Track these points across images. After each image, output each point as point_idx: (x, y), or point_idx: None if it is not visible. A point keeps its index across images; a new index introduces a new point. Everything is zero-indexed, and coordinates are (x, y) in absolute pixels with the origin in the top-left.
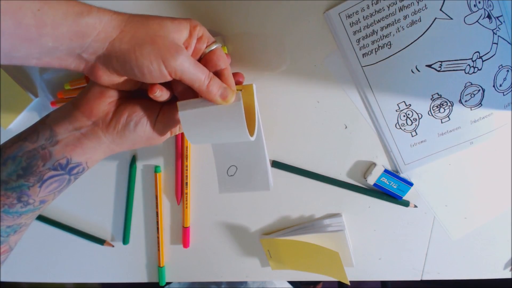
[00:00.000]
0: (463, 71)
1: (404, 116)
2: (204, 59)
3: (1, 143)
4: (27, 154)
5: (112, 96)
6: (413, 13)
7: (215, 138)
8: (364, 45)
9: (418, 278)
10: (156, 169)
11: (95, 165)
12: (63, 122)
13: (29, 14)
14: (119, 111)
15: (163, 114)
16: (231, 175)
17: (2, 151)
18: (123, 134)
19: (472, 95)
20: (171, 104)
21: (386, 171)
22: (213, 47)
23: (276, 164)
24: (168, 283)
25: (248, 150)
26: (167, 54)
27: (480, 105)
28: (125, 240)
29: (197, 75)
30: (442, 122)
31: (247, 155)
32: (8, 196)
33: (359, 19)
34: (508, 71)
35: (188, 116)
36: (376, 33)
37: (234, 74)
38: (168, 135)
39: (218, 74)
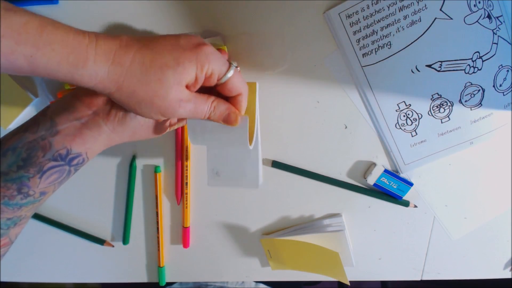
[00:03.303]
0: (463, 71)
1: (404, 116)
2: (219, 87)
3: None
4: (27, 145)
5: None
6: (413, 13)
7: (215, 144)
8: (364, 45)
9: (418, 278)
10: (156, 169)
11: (95, 166)
12: (63, 113)
13: (22, 59)
14: None
15: None
16: (218, 173)
17: (3, 143)
18: (124, 122)
19: (472, 95)
20: None
21: (386, 171)
22: (228, 76)
23: (276, 164)
24: (168, 283)
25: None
26: (166, 112)
27: (480, 105)
28: (125, 240)
29: (198, 114)
30: (442, 122)
31: (240, 151)
32: (8, 187)
33: (359, 19)
34: (508, 71)
35: (194, 123)
36: (376, 33)
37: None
38: (168, 127)
39: (232, 98)
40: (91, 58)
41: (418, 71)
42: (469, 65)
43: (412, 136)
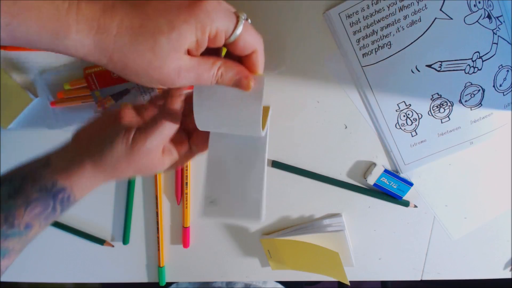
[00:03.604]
0: (463, 71)
1: (404, 116)
2: (228, 48)
3: (1, 143)
4: (22, 176)
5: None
6: (413, 13)
7: (224, 125)
8: (364, 45)
9: (418, 278)
10: None
11: None
12: (59, 150)
13: None
14: None
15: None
16: (215, 202)
17: (3, 174)
18: (117, 165)
19: (472, 95)
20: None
21: (386, 171)
22: (236, 33)
23: (276, 164)
24: (169, 283)
25: (245, 169)
26: (166, 83)
27: (480, 105)
28: (125, 240)
29: (202, 82)
30: (442, 122)
31: (243, 175)
32: None
33: (359, 19)
34: (508, 71)
35: (202, 93)
36: (376, 33)
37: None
38: (167, 163)
39: (246, 57)
40: (73, 27)
41: (418, 71)
42: (469, 65)
43: (412, 136)
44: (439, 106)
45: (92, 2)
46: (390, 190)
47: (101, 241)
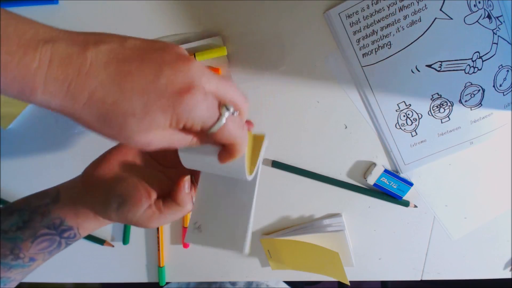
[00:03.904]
0: (463, 71)
1: (404, 116)
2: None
3: (1, 143)
4: (32, 209)
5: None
6: (413, 13)
7: (210, 170)
8: (364, 45)
9: (418, 278)
10: None
11: None
12: (69, 186)
13: None
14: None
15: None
16: (200, 228)
17: (12, 204)
18: (119, 214)
19: (472, 95)
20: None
21: (386, 171)
22: (214, 129)
23: (276, 164)
24: (168, 283)
25: (234, 202)
26: (136, 148)
27: (480, 105)
28: (125, 240)
29: (175, 146)
30: (442, 122)
31: (231, 208)
32: (3, 245)
33: (359, 19)
34: (508, 71)
35: (188, 158)
36: (376, 33)
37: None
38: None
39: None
40: (39, 88)
41: (418, 71)
42: (469, 65)
43: (412, 136)
44: (439, 106)
45: (66, 63)
46: (390, 190)
47: (101, 241)
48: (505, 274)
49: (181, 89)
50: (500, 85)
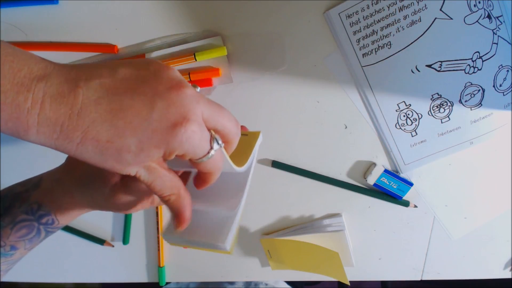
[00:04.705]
0: (463, 71)
1: (404, 116)
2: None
3: (1, 143)
4: (13, 196)
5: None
6: (413, 13)
7: None
8: (364, 45)
9: (418, 278)
10: None
11: None
12: (51, 171)
13: None
14: None
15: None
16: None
17: None
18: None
19: (472, 95)
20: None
21: (386, 171)
22: (202, 160)
23: (276, 164)
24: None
25: (223, 195)
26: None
27: (480, 105)
28: (125, 240)
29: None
30: (442, 122)
31: (219, 202)
32: None
33: (359, 19)
34: (508, 71)
35: (171, 164)
36: (376, 33)
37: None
38: (133, 207)
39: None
40: (33, 128)
41: (418, 71)
42: (469, 65)
43: (412, 136)
44: (439, 106)
45: (58, 102)
46: (390, 190)
47: (101, 241)
48: (505, 274)
49: (174, 122)
50: (500, 85)
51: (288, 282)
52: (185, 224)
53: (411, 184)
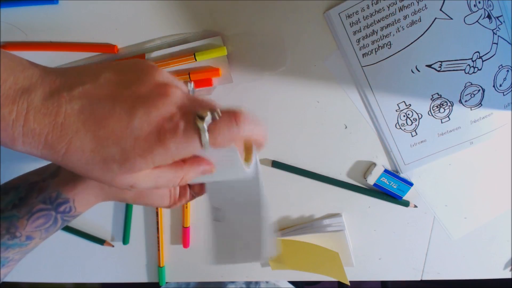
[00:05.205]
0: (463, 71)
1: (404, 116)
2: None
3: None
4: (29, 186)
5: None
6: (413, 13)
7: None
8: (364, 45)
9: (418, 278)
10: None
11: None
12: None
13: None
14: None
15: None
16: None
17: (9, 182)
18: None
19: (472, 95)
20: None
21: (386, 171)
22: (205, 150)
23: (276, 164)
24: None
25: (244, 214)
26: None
27: (480, 105)
28: (125, 240)
29: (162, 186)
30: (442, 122)
31: (243, 220)
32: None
33: (359, 19)
34: (508, 71)
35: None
36: (376, 33)
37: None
38: (166, 199)
39: None
40: (18, 139)
41: (418, 71)
42: (469, 65)
43: (412, 136)
44: (439, 106)
45: (42, 114)
46: (390, 190)
47: (101, 241)
48: (505, 274)
49: (156, 129)
50: (500, 85)
51: (288, 282)
52: (212, 167)
53: (411, 184)
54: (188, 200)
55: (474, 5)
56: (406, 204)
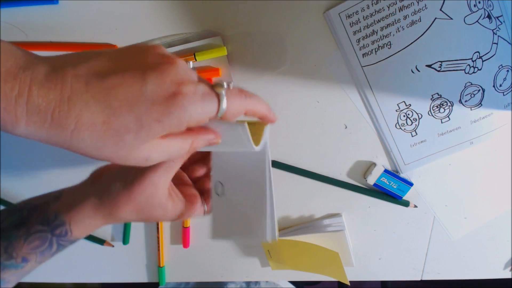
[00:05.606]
0: (463, 71)
1: (404, 116)
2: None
3: (1, 143)
4: (32, 208)
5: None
6: (413, 13)
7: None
8: (364, 45)
9: (418, 278)
10: None
11: (96, 165)
12: (73, 186)
13: None
14: None
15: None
16: (221, 195)
17: (17, 204)
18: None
19: (472, 95)
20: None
21: (386, 171)
22: (222, 113)
23: (276, 164)
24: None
25: (248, 189)
26: (135, 166)
27: (480, 105)
28: (125, 240)
29: (174, 157)
30: (442, 122)
31: (247, 195)
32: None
33: (359, 19)
34: (508, 71)
35: None
36: (376, 33)
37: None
38: (170, 210)
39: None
40: (22, 119)
41: (418, 71)
42: (469, 65)
43: (412, 136)
44: (439, 106)
45: (46, 88)
46: (390, 190)
47: (101, 241)
48: (505, 274)
49: (171, 92)
50: (500, 85)
51: (288, 282)
52: (218, 137)
53: (411, 184)
54: (194, 214)
55: (474, 5)
56: (406, 204)
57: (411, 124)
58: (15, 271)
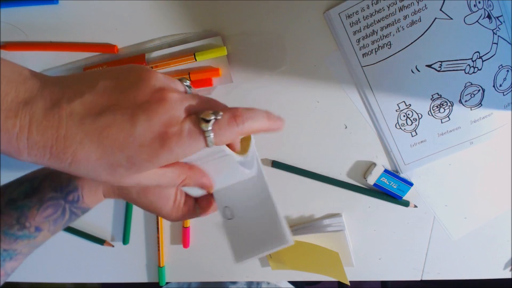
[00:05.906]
0: (463, 71)
1: (404, 116)
2: None
3: None
4: (44, 176)
5: None
6: (413, 13)
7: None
8: (364, 45)
9: (418, 278)
10: None
11: None
12: None
13: None
14: None
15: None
16: (230, 219)
17: (25, 175)
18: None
19: (472, 95)
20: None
21: (386, 171)
22: (210, 147)
23: (276, 164)
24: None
25: (255, 205)
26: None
27: (480, 105)
28: (125, 240)
29: (164, 185)
30: (442, 122)
31: (256, 212)
32: (11, 215)
33: (359, 19)
34: (508, 71)
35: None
36: (376, 33)
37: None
38: (175, 211)
39: None
40: (24, 152)
41: (418, 71)
42: (469, 65)
43: (412, 136)
44: (439, 106)
45: (44, 126)
46: (390, 190)
47: (101, 241)
48: (505, 274)
49: (157, 134)
50: (500, 85)
51: (288, 282)
52: (212, 187)
53: (411, 184)
54: (192, 214)
55: (474, 5)
56: (406, 204)
57: (411, 124)
58: (28, 241)
